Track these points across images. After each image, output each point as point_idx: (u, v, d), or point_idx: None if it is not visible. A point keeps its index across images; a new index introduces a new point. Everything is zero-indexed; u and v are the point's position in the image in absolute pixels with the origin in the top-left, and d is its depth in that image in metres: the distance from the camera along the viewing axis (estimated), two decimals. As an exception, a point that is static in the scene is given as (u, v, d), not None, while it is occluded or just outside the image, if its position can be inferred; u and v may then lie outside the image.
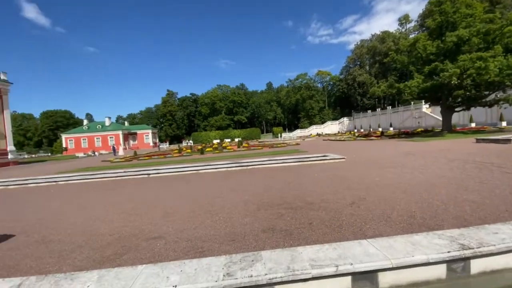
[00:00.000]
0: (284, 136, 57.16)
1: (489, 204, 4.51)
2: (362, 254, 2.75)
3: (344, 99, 78.96)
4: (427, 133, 27.70)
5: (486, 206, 4.42)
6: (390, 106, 57.67)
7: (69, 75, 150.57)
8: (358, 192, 5.93)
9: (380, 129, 46.84)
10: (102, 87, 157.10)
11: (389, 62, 33.27)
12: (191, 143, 52.95)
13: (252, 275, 2.49)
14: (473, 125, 31.99)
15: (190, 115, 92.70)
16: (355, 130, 56.71)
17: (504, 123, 29.07)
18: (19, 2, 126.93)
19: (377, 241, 3.05)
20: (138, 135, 71.14)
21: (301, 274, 2.52)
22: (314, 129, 66.91)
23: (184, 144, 53.03)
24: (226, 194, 6.82)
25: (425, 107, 43.19)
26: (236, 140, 44.19)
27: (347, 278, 2.61)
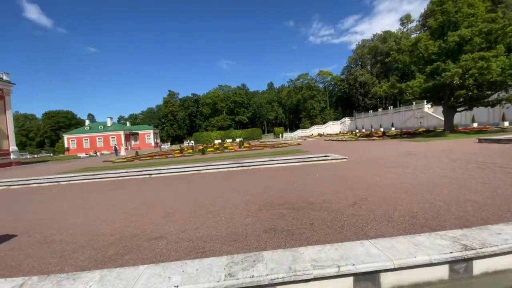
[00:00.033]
0: (286, 136, 57.13)
1: (492, 205, 4.49)
2: (364, 255, 2.74)
3: (346, 99, 78.83)
4: (429, 133, 27.62)
5: (489, 207, 4.40)
6: (392, 106, 57.51)
7: (71, 76, 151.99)
8: (360, 192, 5.92)
9: (382, 129, 46.72)
10: (104, 88, 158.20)
11: (391, 62, 33.20)
12: (193, 144, 53.03)
13: (254, 276, 2.49)
14: (475, 125, 31.85)
15: (192, 115, 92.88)
16: (357, 130, 56.57)
17: (507, 123, 28.94)
18: (21, 3, 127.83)
19: (379, 242, 3.04)
20: (140, 136, 71.37)
21: (303, 275, 2.51)
22: (316, 129, 66.83)
23: (186, 144, 53.18)
24: (228, 194, 6.82)
25: (427, 107, 43.05)
26: (238, 140, 44.20)
27: (349, 279, 2.60)
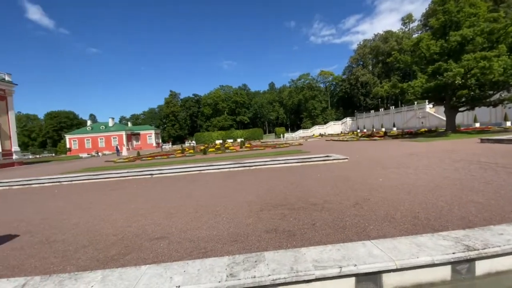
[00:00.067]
0: (287, 137, 57.05)
1: (494, 205, 4.47)
2: (366, 255, 2.73)
3: (347, 99, 78.72)
4: (431, 133, 27.53)
5: (491, 207, 4.38)
6: (393, 106, 57.43)
7: (73, 76, 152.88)
8: (362, 193, 5.91)
9: (383, 129, 46.65)
10: (106, 88, 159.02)
11: (392, 62, 33.07)
12: (194, 144, 53.10)
13: (255, 276, 2.49)
14: (478, 125, 31.73)
15: (193, 116, 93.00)
16: (358, 130, 56.47)
17: (509, 123, 28.84)
18: (23, 4, 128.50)
19: (381, 242, 3.03)
20: (141, 136, 71.53)
21: (305, 275, 2.51)
22: (317, 129, 66.79)
23: (187, 145, 53.23)
24: (229, 195, 6.82)
25: (429, 107, 42.94)
26: (239, 141, 44.19)
27: (351, 280, 2.59)
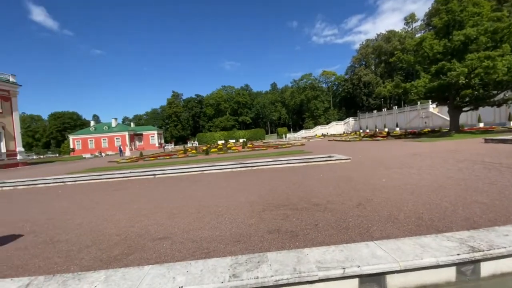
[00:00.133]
0: (289, 137, 57.00)
1: (499, 206, 4.43)
2: (370, 256, 2.71)
3: (350, 99, 78.42)
4: (434, 133, 27.35)
5: (496, 208, 4.34)
6: (396, 106, 57.13)
7: (76, 77, 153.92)
8: (364, 193, 5.88)
9: (386, 130, 46.43)
10: (109, 89, 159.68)
11: (395, 62, 32.96)
12: (196, 144, 53.21)
13: (258, 277, 2.48)
14: (481, 125, 31.47)
15: (195, 116, 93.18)
16: (361, 131, 56.27)
17: (513, 123, 28.55)
18: (28, 6, 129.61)
19: (385, 243, 3.01)
20: (144, 136, 71.80)
21: (308, 276, 2.49)
22: (319, 130, 66.65)
23: (189, 145, 53.26)
24: (231, 195, 6.83)
25: (432, 107, 42.67)
26: (241, 141, 44.19)
27: (354, 281, 2.58)
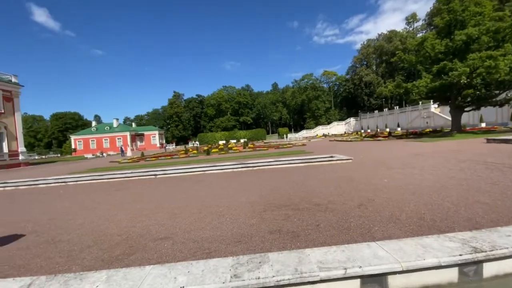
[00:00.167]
0: (290, 137, 56.99)
1: (502, 206, 4.40)
2: (371, 257, 2.70)
3: (351, 99, 78.33)
4: (436, 133, 27.26)
5: (499, 208, 4.31)
6: (398, 106, 57.03)
7: (78, 77, 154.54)
8: (366, 194, 5.86)
9: (388, 130, 46.31)
10: (110, 89, 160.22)
11: (397, 62, 32.89)
12: (197, 144, 53.31)
13: (260, 277, 2.47)
14: (483, 125, 31.37)
15: (196, 116, 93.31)
16: (362, 131, 56.17)
17: (516, 123, 28.45)
18: (30, 7, 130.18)
19: (387, 244, 3.00)
20: (145, 136, 71.96)
21: (309, 277, 2.49)
22: (320, 130, 66.61)
23: (190, 145, 53.39)
24: (232, 195, 6.82)
25: (434, 107, 42.57)
26: (242, 141, 44.24)
27: (356, 281, 2.57)
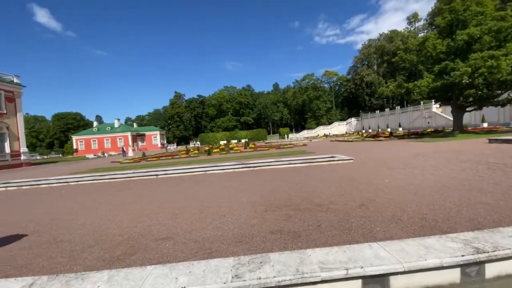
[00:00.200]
0: (291, 137, 56.98)
1: (504, 206, 4.38)
2: (373, 257, 2.69)
3: (352, 100, 78.21)
4: (438, 134, 27.17)
5: (501, 209, 4.29)
6: (399, 106, 56.88)
7: (80, 78, 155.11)
8: (367, 194, 5.85)
9: (389, 130, 46.23)
10: (111, 89, 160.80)
11: (398, 62, 32.81)
12: (198, 144, 53.39)
13: (261, 277, 2.47)
14: (485, 125, 31.25)
15: (197, 117, 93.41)
16: (363, 131, 56.07)
17: (518, 123, 28.33)
18: (32, 7, 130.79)
19: (388, 244, 2.99)
20: (147, 137, 72.13)
21: (310, 277, 2.48)
22: (321, 130, 66.55)
23: (192, 145, 53.46)
24: (234, 195, 6.82)
25: (435, 107, 42.45)
26: (243, 141, 44.24)
27: (358, 282, 2.56)
